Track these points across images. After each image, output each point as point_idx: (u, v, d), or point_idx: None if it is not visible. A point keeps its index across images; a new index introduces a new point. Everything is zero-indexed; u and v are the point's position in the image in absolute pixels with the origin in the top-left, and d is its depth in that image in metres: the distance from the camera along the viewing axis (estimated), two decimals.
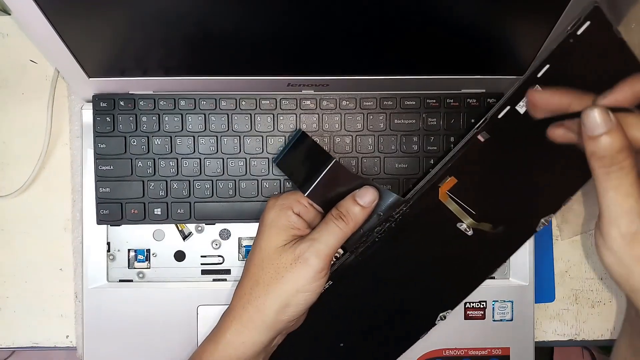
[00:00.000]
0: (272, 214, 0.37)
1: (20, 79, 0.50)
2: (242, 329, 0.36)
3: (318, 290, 0.36)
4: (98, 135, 0.45)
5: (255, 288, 0.36)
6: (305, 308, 0.37)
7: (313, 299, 0.37)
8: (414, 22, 0.37)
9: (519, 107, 0.35)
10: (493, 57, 0.42)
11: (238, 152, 0.46)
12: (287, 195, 0.38)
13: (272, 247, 0.36)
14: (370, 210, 0.37)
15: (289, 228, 0.37)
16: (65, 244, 0.49)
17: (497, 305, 0.48)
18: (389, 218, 0.38)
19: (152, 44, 0.39)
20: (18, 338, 0.50)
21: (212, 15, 0.36)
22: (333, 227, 0.36)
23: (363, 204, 0.37)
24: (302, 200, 0.38)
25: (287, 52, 0.40)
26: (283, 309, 0.36)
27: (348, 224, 0.36)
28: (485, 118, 0.36)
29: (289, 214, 0.37)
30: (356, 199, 0.37)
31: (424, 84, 0.45)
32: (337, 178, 0.38)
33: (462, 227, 0.38)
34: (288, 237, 0.37)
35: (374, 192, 0.37)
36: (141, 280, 0.47)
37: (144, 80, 0.43)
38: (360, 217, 0.37)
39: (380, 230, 0.38)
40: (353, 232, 0.37)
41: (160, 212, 0.46)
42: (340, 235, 0.36)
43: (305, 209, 0.38)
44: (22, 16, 0.34)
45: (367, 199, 0.37)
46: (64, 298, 0.50)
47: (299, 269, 0.35)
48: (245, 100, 0.46)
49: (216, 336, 0.37)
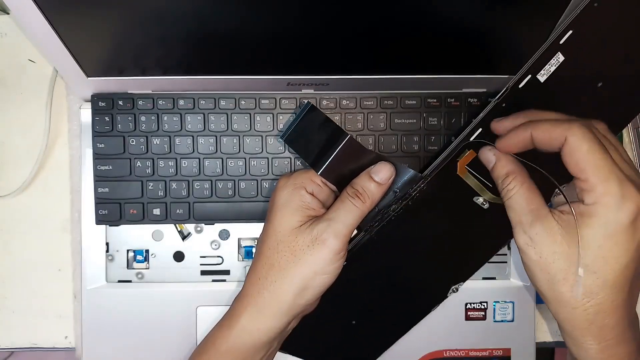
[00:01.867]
0: (284, 193, 0.36)
1: (19, 78, 0.50)
2: (258, 314, 0.35)
3: (336, 272, 0.35)
4: (97, 135, 0.45)
5: (270, 272, 0.35)
6: (323, 290, 0.36)
7: (331, 281, 0.36)
8: (415, 21, 0.37)
9: (540, 76, 0.34)
10: (494, 56, 0.42)
11: (237, 152, 0.46)
12: (299, 174, 0.37)
13: (287, 229, 0.35)
14: (387, 186, 0.36)
15: (303, 208, 0.35)
16: (64, 244, 0.49)
17: (498, 306, 0.48)
18: (406, 195, 0.37)
19: (151, 43, 0.38)
20: (17, 339, 0.50)
21: (211, 14, 0.35)
22: (349, 206, 0.35)
23: (379, 181, 0.35)
24: (316, 179, 0.36)
25: (287, 51, 0.40)
26: (301, 292, 0.34)
27: (365, 202, 0.35)
28: (507, 88, 0.35)
29: (303, 194, 0.36)
30: (372, 175, 0.36)
31: (424, 83, 0.45)
32: (352, 154, 0.37)
33: (479, 201, 0.38)
34: (303, 217, 0.35)
35: (390, 167, 0.36)
36: (140, 280, 0.47)
37: (142, 80, 0.43)
38: (377, 194, 0.36)
39: (397, 209, 0.37)
40: (370, 209, 0.36)
41: (159, 212, 0.46)
42: (357, 213, 0.35)
43: (319, 188, 0.36)
44: (20, 15, 0.34)
45: (384, 175, 0.36)
46: (63, 298, 0.49)
47: (317, 251, 0.34)
48: (245, 100, 0.46)
49: (230, 321, 0.36)
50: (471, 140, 0.37)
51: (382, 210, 0.38)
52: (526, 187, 0.33)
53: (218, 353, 0.36)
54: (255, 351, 0.36)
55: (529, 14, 0.38)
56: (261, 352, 0.36)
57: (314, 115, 0.38)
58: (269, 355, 0.38)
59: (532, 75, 0.34)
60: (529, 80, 0.34)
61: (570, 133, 0.30)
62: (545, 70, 0.34)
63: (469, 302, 0.47)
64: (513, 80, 0.35)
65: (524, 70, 0.34)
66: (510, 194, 0.33)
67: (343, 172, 0.37)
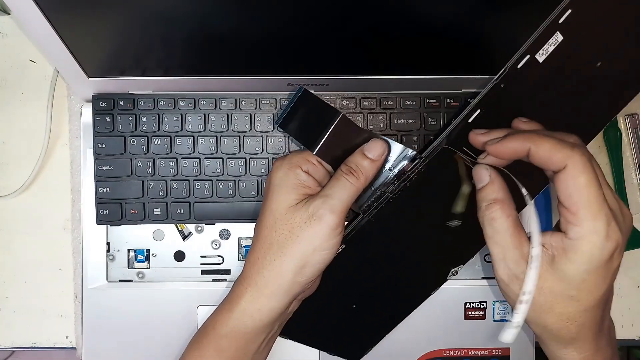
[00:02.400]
0: (280, 173, 0.36)
1: (20, 78, 0.50)
2: (258, 295, 0.35)
3: (334, 248, 0.35)
4: (98, 135, 0.45)
5: (269, 251, 0.35)
6: (322, 267, 0.36)
7: (330, 258, 0.36)
8: (414, 21, 0.37)
9: (538, 56, 0.34)
10: (493, 56, 0.42)
11: (238, 152, 0.46)
12: (295, 154, 0.37)
13: (284, 207, 0.35)
14: (380, 163, 0.36)
15: (299, 187, 0.35)
16: (65, 244, 0.49)
17: (497, 306, 0.48)
18: (403, 176, 0.37)
19: (152, 43, 0.39)
20: (18, 338, 0.50)
21: (211, 15, 0.36)
22: (344, 182, 0.35)
23: (372, 157, 0.36)
24: (311, 159, 0.37)
25: (287, 51, 0.40)
26: (300, 269, 0.34)
27: (359, 179, 0.35)
28: (505, 68, 0.35)
29: (298, 172, 0.36)
30: (365, 152, 0.36)
31: (424, 83, 0.45)
32: (345, 133, 0.37)
33: None
34: (299, 196, 0.35)
35: (382, 144, 0.36)
36: (141, 280, 0.47)
37: (143, 80, 0.43)
38: (370, 171, 0.36)
39: (395, 190, 0.37)
40: (364, 186, 0.36)
41: (160, 212, 0.46)
42: (352, 190, 0.35)
43: (314, 167, 0.36)
44: (21, 16, 0.34)
45: (376, 152, 0.36)
46: (64, 298, 0.49)
47: (314, 227, 0.34)
48: (245, 100, 0.46)
49: (229, 304, 0.36)
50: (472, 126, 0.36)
51: (378, 189, 0.38)
52: (512, 221, 0.31)
53: (218, 337, 0.36)
54: (256, 334, 0.36)
55: (527, 14, 0.38)
56: (262, 335, 0.36)
57: (308, 98, 0.38)
58: (269, 338, 0.37)
59: (531, 55, 0.34)
60: (527, 61, 0.34)
61: (572, 161, 0.29)
62: (543, 50, 0.33)
63: (468, 302, 0.48)
64: (511, 60, 0.34)
65: (523, 50, 0.34)
66: (493, 223, 0.32)
67: (338, 151, 0.37)
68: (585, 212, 0.29)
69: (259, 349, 0.37)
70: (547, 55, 0.34)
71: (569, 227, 0.30)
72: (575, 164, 0.29)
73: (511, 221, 0.31)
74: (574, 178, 0.29)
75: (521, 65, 0.34)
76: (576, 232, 0.29)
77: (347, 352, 0.45)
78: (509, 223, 0.31)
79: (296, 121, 0.37)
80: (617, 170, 0.52)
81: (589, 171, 0.29)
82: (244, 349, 0.36)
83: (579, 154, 0.29)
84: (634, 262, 0.52)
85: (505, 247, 0.31)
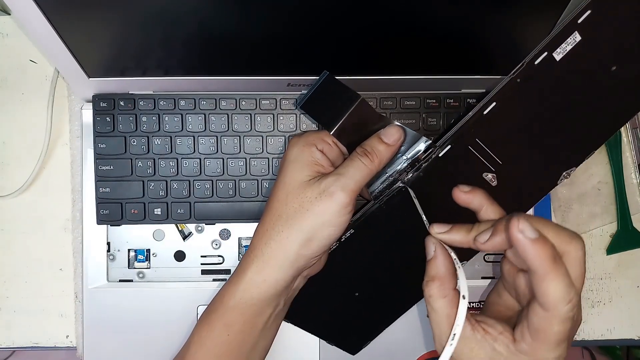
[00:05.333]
0: (295, 149, 0.37)
1: (20, 79, 0.50)
2: (264, 265, 0.35)
3: (342, 226, 0.35)
4: (98, 135, 0.45)
5: (277, 223, 0.35)
6: (328, 244, 0.36)
7: (337, 235, 0.36)
8: (414, 22, 0.37)
9: (556, 54, 0.34)
10: (492, 57, 0.42)
11: (238, 152, 0.46)
12: (311, 133, 0.38)
13: (296, 182, 0.35)
14: (396, 149, 0.37)
15: (312, 164, 0.36)
16: (65, 244, 0.49)
17: None
18: (415, 163, 0.37)
19: (152, 43, 0.39)
20: (18, 338, 0.50)
21: (212, 15, 0.36)
22: (358, 163, 0.35)
23: (388, 142, 0.36)
24: (327, 139, 0.37)
25: (287, 52, 0.40)
26: (307, 243, 0.35)
27: (373, 161, 0.36)
28: (522, 63, 0.35)
29: (313, 150, 0.36)
30: (381, 137, 0.36)
31: (424, 83, 0.45)
32: (363, 117, 0.37)
33: (488, 177, 0.38)
34: (312, 172, 0.36)
35: (399, 130, 0.37)
36: (141, 280, 0.47)
37: (143, 80, 0.43)
38: (384, 155, 0.36)
39: (407, 177, 0.37)
40: (378, 170, 0.36)
41: (160, 212, 0.46)
42: (365, 171, 0.35)
43: (329, 146, 0.37)
44: (22, 16, 0.34)
45: (393, 137, 0.36)
46: (64, 298, 0.50)
47: (324, 203, 0.34)
48: (245, 100, 0.46)
49: (237, 277, 0.36)
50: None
51: (391, 176, 0.38)
52: (447, 301, 0.31)
53: (226, 309, 0.36)
54: (262, 306, 0.36)
55: (527, 15, 0.38)
56: (269, 309, 0.36)
57: (330, 82, 0.38)
58: (276, 315, 0.38)
59: (548, 52, 0.34)
60: (545, 57, 0.34)
61: (549, 288, 0.27)
62: (561, 49, 0.34)
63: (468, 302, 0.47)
64: (529, 56, 0.35)
65: (541, 46, 0.34)
66: (430, 300, 0.32)
67: (354, 135, 0.37)
68: (548, 346, 0.28)
69: (266, 325, 0.37)
70: (564, 54, 0.34)
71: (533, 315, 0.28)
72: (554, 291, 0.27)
73: (447, 302, 0.31)
74: (551, 317, 0.28)
75: (538, 62, 0.34)
76: (540, 322, 0.28)
77: (345, 343, 0.45)
78: (445, 303, 0.31)
79: (317, 103, 0.38)
80: (616, 170, 0.52)
81: (567, 314, 0.28)
82: (252, 322, 0.36)
83: (557, 278, 0.27)
84: (634, 262, 0.52)
85: (440, 327, 0.31)
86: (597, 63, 0.35)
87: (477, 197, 0.34)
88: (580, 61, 0.35)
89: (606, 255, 0.52)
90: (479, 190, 0.34)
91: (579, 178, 0.52)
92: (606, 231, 0.52)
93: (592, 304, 0.52)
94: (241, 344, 0.36)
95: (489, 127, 0.36)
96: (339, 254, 0.38)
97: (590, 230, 0.52)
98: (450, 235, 0.33)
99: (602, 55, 0.35)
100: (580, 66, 0.35)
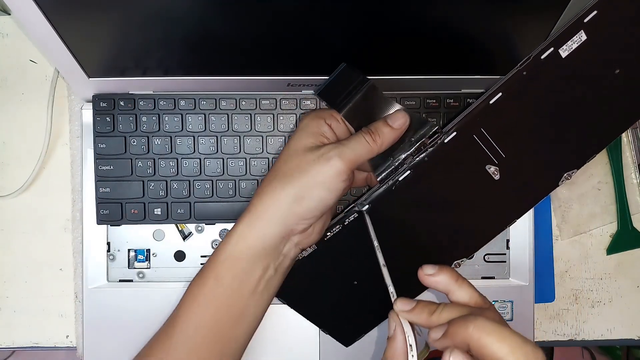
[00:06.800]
0: (306, 120, 0.39)
1: (20, 79, 0.50)
2: (255, 219, 0.36)
3: (336, 193, 0.36)
4: (98, 135, 0.45)
5: (274, 180, 0.37)
6: (319, 207, 0.36)
7: (329, 201, 0.36)
8: (413, 22, 0.37)
9: (562, 50, 0.34)
10: (492, 57, 0.42)
11: (238, 152, 0.46)
12: (323, 109, 0.41)
13: (300, 147, 0.37)
14: (400, 133, 0.38)
15: (318, 134, 0.38)
16: (65, 244, 0.49)
17: (497, 305, 0.48)
18: (422, 147, 0.38)
19: (152, 43, 0.39)
20: (18, 338, 0.50)
21: (211, 15, 0.36)
22: (360, 139, 0.37)
23: (393, 126, 0.37)
24: (336, 115, 0.39)
25: (287, 52, 0.40)
26: (298, 200, 0.36)
27: (375, 141, 0.37)
28: (529, 56, 0.35)
29: (322, 123, 0.38)
30: (387, 120, 0.38)
31: (423, 83, 0.45)
32: (373, 100, 0.39)
33: (491, 170, 0.38)
34: (316, 141, 0.37)
35: (404, 115, 0.38)
36: (141, 280, 0.47)
37: (143, 80, 0.43)
38: (388, 138, 0.37)
39: (412, 162, 0.38)
40: (379, 151, 0.37)
41: (160, 212, 0.46)
42: (366, 148, 0.37)
43: (337, 122, 0.39)
44: (22, 16, 0.34)
45: (398, 122, 0.37)
46: (64, 298, 0.50)
47: (321, 165, 0.35)
48: (245, 100, 0.46)
49: (230, 232, 0.38)
50: None
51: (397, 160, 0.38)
52: None
53: (217, 263, 0.37)
54: (251, 263, 0.37)
55: (526, 15, 0.38)
56: (258, 268, 0.37)
57: (347, 72, 0.40)
58: (266, 280, 0.38)
59: (555, 48, 0.34)
60: (551, 53, 0.34)
61: None
62: (567, 46, 0.34)
63: None
64: (536, 50, 0.35)
65: (548, 41, 0.34)
66: None
67: (363, 118, 0.39)
68: None
69: (255, 289, 0.37)
70: (569, 51, 0.34)
71: None
72: None
73: None
74: None
75: (544, 57, 0.34)
76: None
77: (340, 333, 0.45)
78: None
79: (333, 91, 0.40)
80: (616, 170, 0.52)
81: None
82: (240, 278, 0.37)
83: None
84: (634, 262, 0.52)
85: None
86: (602, 64, 0.35)
87: (443, 279, 0.35)
88: (585, 60, 0.35)
89: (606, 255, 0.52)
90: (445, 271, 0.35)
91: (579, 178, 0.52)
92: (606, 231, 0.52)
93: (592, 304, 0.52)
94: (231, 301, 0.37)
95: (494, 118, 0.37)
96: (341, 237, 0.39)
97: (590, 230, 0.52)
98: (412, 315, 0.34)
99: (606, 57, 0.35)
100: (584, 66, 0.35)
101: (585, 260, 0.52)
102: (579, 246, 0.52)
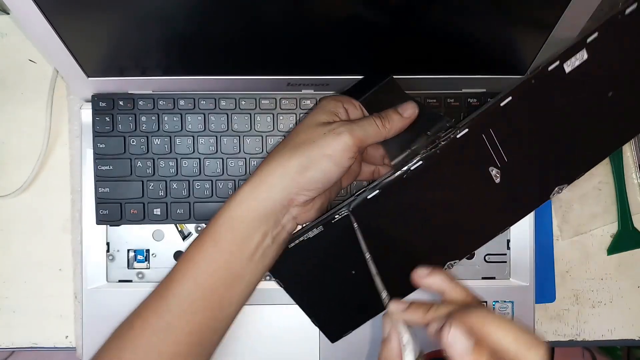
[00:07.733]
0: (324, 101, 0.40)
1: (19, 78, 0.50)
2: (259, 183, 0.37)
3: (341, 168, 0.37)
4: (97, 135, 0.45)
5: (284, 149, 0.38)
6: (323, 180, 0.37)
7: (333, 175, 0.37)
8: (414, 22, 0.37)
9: (566, 66, 0.35)
10: (493, 57, 0.42)
11: (238, 152, 0.46)
12: (342, 95, 0.42)
13: (313, 122, 0.38)
14: (408, 122, 0.40)
15: (333, 114, 0.39)
16: (65, 244, 0.49)
17: (497, 306, 0.48)
18: (435, 140, 0.39)
19: (151, 43, 0.39)
20: (17, 338, 0.50)
21: (211, 15, 0.35)
22: (371, 121, 0.38)
23: (402, 114, 0.39)
24: (354, 101, 0.41)
25: (287, 51, 0.40)
26: (304, 169, 0.36)
27: (384, 125, 0.39)
28: (539, 67, 0.36)
29: (339, 105, 0.40)
30: (397, 109, 0.40)
31: (424, 83, 0.45)
32: (390, 93, 0.41)
33: (493, 172, 0.39)
34: (329, 118, 0.39)
35: (414, 106, 0.40)
36: (141, 280, 0.47)
37: (143, 80, 0.43)
38: (396, 125, 0.39)
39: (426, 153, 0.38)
40: (387, 136, 0.39)
41: (159, 212, 0.46)
42: (375, 129, 0.38)
43: (353, 107, 0.40)
44: (21, 16, 0.34)
45: (407, 111, 0.40)
46: (64, 298, 0.49)
47: (330, 138, 0.36)
48: (245, 100, 0.46)
49: (232, 195, 0.38)
50: None
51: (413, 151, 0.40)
52: None
53: (216, 226, 0.37)
54: (250, 228, 0.37)
55: (528, 15, 0.38)
56: (256, 234, 0.37)
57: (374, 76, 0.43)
58: (263, 249, 0.38)
59: (560, 62, 0.35)
60: (556, 66, 0.36)
61: None
62: (570, 62, 0.35)
63: None
64: (545, 61, 0.36)
65: (556, 55, 0.36)
66: None
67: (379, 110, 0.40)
68: None
69: (252, 257, 0.37)
70: (572, 67, 0.36)
71: None
72: None
73: None
74: None
75: (551, 69, 0.36)
76: None
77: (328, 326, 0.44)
78: None
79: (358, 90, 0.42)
80: (617, 170, 0.52)
81: None
82: (238, 242, 0.37)
83: None
84: (635, 262, 0.52)
85: None
86: (597, 86, 0.37)
87: (436, 281, 0.35)
88: (585, 79, 0.36)
89: (607, 255, 0.52)
90: (438, 273, 0.36)
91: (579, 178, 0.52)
92: (607, 231, 0.52)
93: (592, 304, 0.52)
94: (228, 264, 0.37)
95: (503, 120, 0.38)
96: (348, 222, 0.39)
97: (591, 230, 0.52)
98: (407, 314, 0.34)
99: (601, 80, 0.37)
100: (584, 84, 0.36)
101: (586, 260, 0.52)
102: (579, 246, 0.52)
